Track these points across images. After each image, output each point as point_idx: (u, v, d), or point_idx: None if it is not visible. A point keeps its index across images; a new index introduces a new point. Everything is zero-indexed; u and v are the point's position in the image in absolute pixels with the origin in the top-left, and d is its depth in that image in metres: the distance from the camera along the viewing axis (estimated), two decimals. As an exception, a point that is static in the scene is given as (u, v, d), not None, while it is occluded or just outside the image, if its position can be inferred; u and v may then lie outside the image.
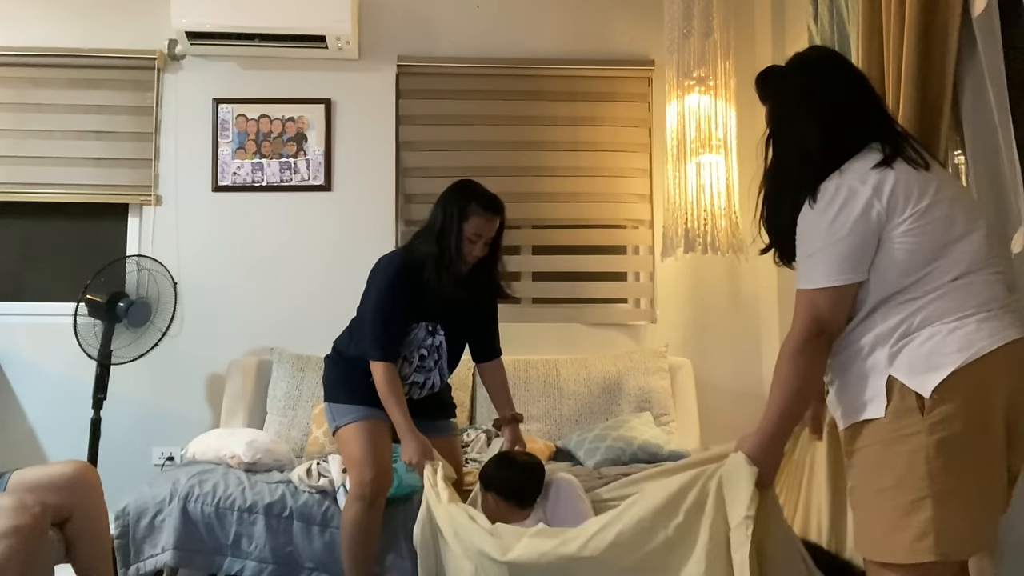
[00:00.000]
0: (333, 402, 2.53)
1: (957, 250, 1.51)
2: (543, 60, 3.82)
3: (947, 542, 1.40)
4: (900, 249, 1.51)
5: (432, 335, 2.50)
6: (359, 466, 2.41)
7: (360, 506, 2.40)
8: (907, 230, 1.50)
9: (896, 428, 1.46)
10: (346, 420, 2.46)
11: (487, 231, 2.43)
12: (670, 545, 1.64)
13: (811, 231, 1.57)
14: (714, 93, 3.39)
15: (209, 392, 3.62)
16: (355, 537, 2.41)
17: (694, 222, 3.40)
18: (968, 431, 1.41)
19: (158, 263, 3.49)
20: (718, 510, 1.59)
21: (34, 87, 3.66)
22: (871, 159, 1.57)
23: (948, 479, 1.40)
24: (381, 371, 2.39)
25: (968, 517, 1.41)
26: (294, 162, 3.74)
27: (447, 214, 2.42)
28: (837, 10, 2.66)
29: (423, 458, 2.29)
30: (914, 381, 1.45)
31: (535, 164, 3.79)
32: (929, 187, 1.54)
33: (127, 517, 2.72)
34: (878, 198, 1.52)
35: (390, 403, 2.36)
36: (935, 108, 2.18)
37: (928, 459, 1.41)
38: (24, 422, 3.56)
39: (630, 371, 3.49)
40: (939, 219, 1.51)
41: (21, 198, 3.64)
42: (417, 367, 2.50)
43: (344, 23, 3.52)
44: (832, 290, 1.53)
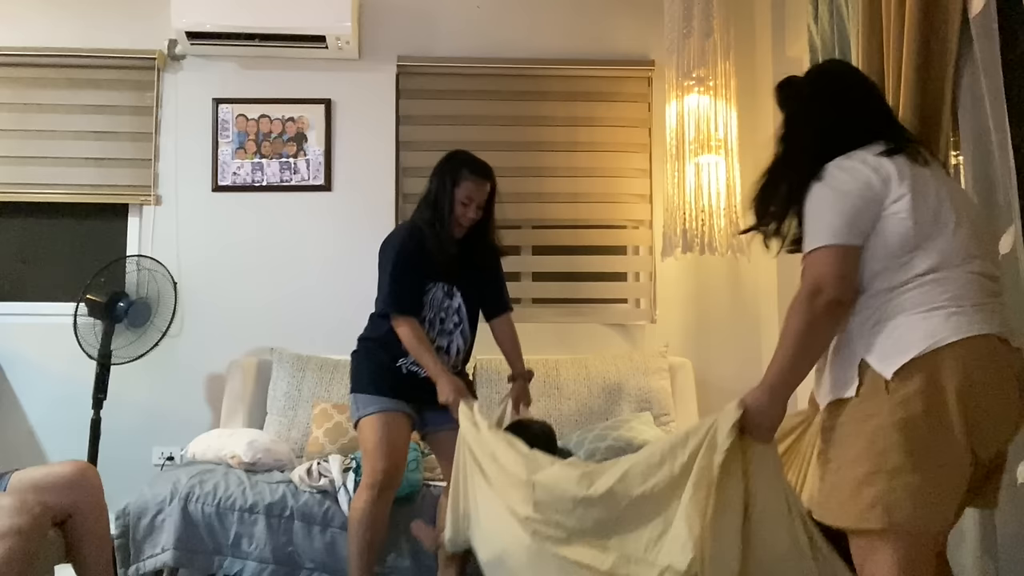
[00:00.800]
0: (358, 392, 2.58)
1: (939, 243, 1.59)
2: (543, 60, 3.82)
3: (896, 512, 1.50)
4: (890, 229, 1.60)
5: (450, 297, 2.61)
6: (373, 455, 2.46)
7: (369, 495, 2.44)
8: (897, 211, 1.60)
9: (864, 408, 1.57)
10: (369, 410, 2.51)
11: (478, 195, 2.56)
12: (672, 479, 1.75)
13: (817, 200, 1.67)
14: (714, 93, 3.40)
15: (209, 392, 3.62)
16: (359, 526, 2.44)
17: (693, 222, 3.40)
18: (926, 414, 1.51)
19: (158, 263, 3.49)
20: (708, 449, 1.69)
21: (34, 87, 3.66)
22: (875, 149, 1.68)
23: (902, 455, 1.50)
24: (405, 325, 2.49)
25: (920, 492, 1.50)
26: (294, 162, 3.74)
27: (440, 181, 2.57)
28: (837, 10, 2.66)
29: (458, 396, 2.36)
30: (880, 365, 1.56)
31: (535, 164, 3.80)
32: (923, 179, 1.64)
33: (127, 517, 2.72)
34: (876, 174, 1.63)
35: (420, 352, 2.46)
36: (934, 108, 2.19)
37: (886, 436, 1.52)
38: (24, 422, 3.56)
39: (630, 371, 3.49)
40: (927, 209, 1.61)
41: (21, 198, 3.64)
42: (440, 331, 2.60)
43: (344, 23, 3.52)
44: (833, 249, 1.60)
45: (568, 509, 1.90)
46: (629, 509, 1.81)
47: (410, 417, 2.56)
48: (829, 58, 1.94)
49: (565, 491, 1.91)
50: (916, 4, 2.16)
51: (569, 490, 1.90)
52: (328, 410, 3.22)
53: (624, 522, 1.82)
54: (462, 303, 2.64)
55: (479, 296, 2.70)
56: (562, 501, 1.92)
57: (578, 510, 1.88)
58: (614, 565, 1.80)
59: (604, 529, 1.84)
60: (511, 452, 2.10)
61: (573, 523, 1.89)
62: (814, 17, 2.83)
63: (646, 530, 1.78)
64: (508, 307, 2.78)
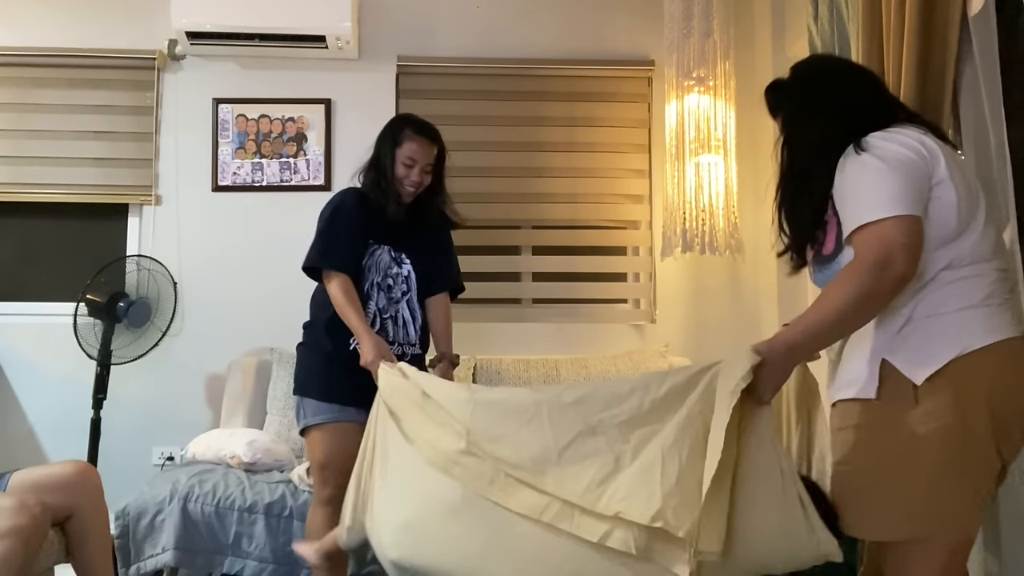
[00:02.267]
0: (304, 396, 2.39)
1: (972, 235, 1.50)
2: (543, 60, 3.82)
3: (931, 524, 1.46)
4: (934, 214, 1.47)
5: (398, 264, 2.47)
6: (323, 472, 2.33)
7: (326, 511, 2.31)
8: (940, 195, 1.48)
9: (888, 413, 1.48)
10: (316, 420, 2.34)
11: (422, 157, 2.44)
12: (639, 415, 1.55)
13: (863, 172, 1.49)
14: (714, 93, 3.40)
15: (209, 392, 3.62)
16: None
17: (693, 222, 3.40)
18: (959, 423, 1.44)
19: (158, 263, 3.49)
20: (705, 400, 1.50)
21: (34, 87, 3.66)
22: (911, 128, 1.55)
23: (936, 467, 1.45)
24: (335, 282, 2.32)
25: (954, 502, 1.46)
26: (294, 162, 3.74)
27: (384, 142, 2.49)
28: (837, 10, 2.66)
29: (378, 358, 2.16)
30: (908, 368, 1.47)
31: (535, 165, 3.80)
32: (959, 165, 1.55)
33: (127, 517, 2.72)
34: (923, 147, 1.50)
35: (346, 311, 2.28)
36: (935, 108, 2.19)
37: (917, 446, 1.45)
38: (24, 422, 3.56)
39: (630, 371, 3.48)
40: (968, 198, 1.51)
41: (21, 198, 3.64)
42: (388, 298, 2.43)
43: (344, 23, 3.52)
44: (902, 220, 1.42)
45: (509, 433, 1.66)
46: (577, 440, 1.58)
47: (361, 425, 2.18)
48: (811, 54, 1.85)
49: (510, 408, 1.69)
50: (916, 4, 2.16)
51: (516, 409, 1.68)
52: (328, 410, 3.21)
53: (567, 455, 1.58)
54: (412, 272, 2.48)
55: (429, 270, 2.52)
56: (500, 420, 1.69)
57: (522, 433, 1.64)
58: (555, 517, 1.56)
59: (542, 463, 1.60)
60: (449, 384, 1.93)
61: (509, 452, 1.64)
62: (814, 17, 2.83)
63: (589, 469, 1.55)
64: (454, 286, 2.59)
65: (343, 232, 2.40)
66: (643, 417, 1.54)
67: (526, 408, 1.66)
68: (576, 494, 1.53)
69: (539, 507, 1.57)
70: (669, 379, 1.54)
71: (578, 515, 1.54)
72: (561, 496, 1.55)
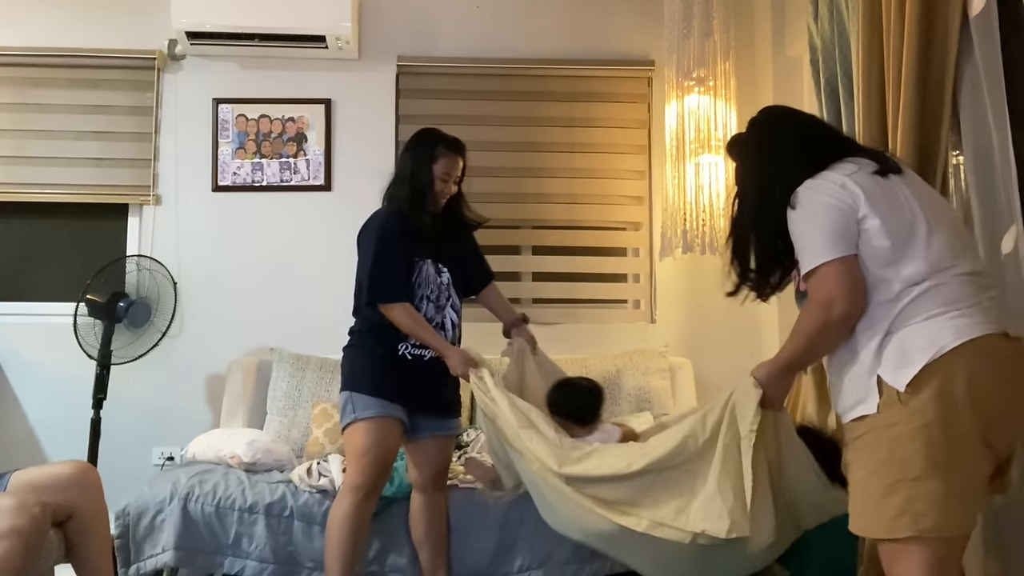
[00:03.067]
0: (356, 392, 2.47)
1: (919, 252, 1.63)
2: (543, 60, 3.82)
3: (922, 520, 1.53)
4: (868, 245, 1.65)
5: (439, 273, 2.57)
6: (362, 460, 2.40)
7: (353, 500, 2.39)
8: (869, 228, 1.65)
9: (882, 419, 1.60)
10: (367, 413, 2.43)
11: (454, 170, 2.57)
12: (699, 453, 1.94)
13: (799, 223, 1.73)
14: (714, 93, 3.40)
15: (209, 392, 3.62)
16: (343, 530, 2.39)
17: (693, 222, 3.40)
18: (940, 420, 1.54)
19: (158, 263, 3.49)
20: (731, 426, 1.88)
21: (34, 87, 3.66)
22: (840, 170, 1.73)
23: (921, 463, 1.54)
24: (400, 311, 2.45)
25: (943, 498, 1.53)
26: (294, 162, 3.74)
27: (417, 158, 2.56)
28: (837, 10, 2.66)
29: (467, 368, 2.38)
30: (891, 377, 1.60)
31: (535, 165, 3.80)
32: (890, 193, 1.69)
33: (127, 517, 2.72)
34: (844, 189, 1.68)
35: (420, 332, 2.44)
36: (935, 108, 2.19)
37: (904, 445, 1.56)
38: (24, 422, 3.56)
39: (630, 371, 3.49)
40: (901, 223, 1.65)
41: (21, 198, 3.64)
42: (437, 307, 2.56)
43: (344, 23, 3.52)
44: (833, 264, 1.65)
45: (598, 485, 2.07)
46: (658, 482, 1.99)
47: (403, 423, 2.48)
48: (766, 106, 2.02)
49: (595, 478, 2.07)
50: (916, 4, 2.16)
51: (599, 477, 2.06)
52: (328, 410, 3.22)
53: (653, 493, 2.00)
54: (450, 279, 2.60)
55: (463, 271, 2.66)
56: (594, 484, 2.08)
57: (612, 484, 2.05)
58: (648, 527, 1.98)
59: (635, 499, 2.02)
60: (539, 442, 2.17)
61: (605, 494, 2.06)
62: (814, 17, 2.83)
63: (674, 501, 1.96)
64: (492, 275, 2.78)
65: (394, 262, 2.49)
66: (699, 453, 1.94)
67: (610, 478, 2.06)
68: (669, 518, 1.96)
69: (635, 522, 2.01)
70: (709, 420, 1.94)
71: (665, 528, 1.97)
72: (656, 519, 1.98)
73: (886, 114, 2.33)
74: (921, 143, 2.20)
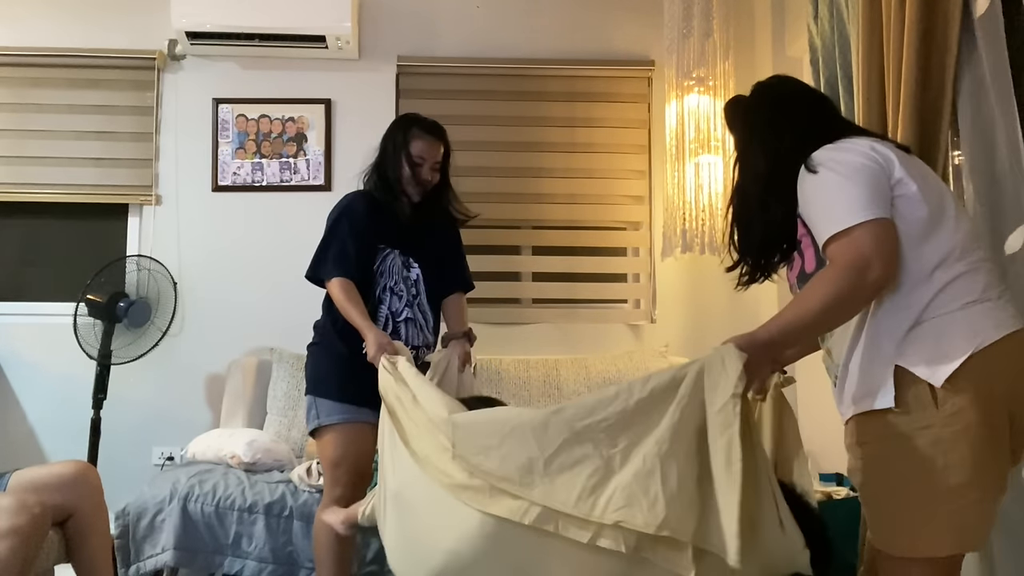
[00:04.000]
0: (320, 396, 2.36)
1: (949, 228, 1.49)
2: (543, 60, 3.82)
3: (967, 533, 1.42)
4: (903, 213, 1.48)
5: (407, 267, 2.44)
6: (335, 469, 2.33)
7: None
8: (904, 192, 1.49)
9: (910, 421, 1.44)
10: (332, 420, 2.32)
11: (430, 155, 2.44)
12: (624, 417, 1.48)
13: (822, 185, 1.51)
14: (713, 93, 3.40)
15: (209, 392, 3.62)
16: (331, 541, 2.32)
17: (693, 222, 3.40)
18: (983, 421, 1.40)
19: (158, 263, 3.49)
20: (694, 395, 1.43)
21: (34, 87, 3.66)
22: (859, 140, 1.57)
23: (968, 471, 1.40)
24: (337, 285, 2.32)
25: (985, 507, 1.43)
26: (294, 162, 3.74)
27: (390, 142, 2.47)
28: (837, 10, 2.66)
29: (379, 352, 2.13)
30: (925, 371, 1.43)
31: (535, 165, 3.80)
32: (918, 165, 1.56)
33: (127, 517, 2.72)
34: (875, 151, 1.52)
35: (347, 309, 2.28)
36: (935, 108, 2.19)
37: (945, 451, 1.40)
38: (24, 422, 3.56)
39: (630, 371, 3.49)
40: (934, 193, 1.52)
41: (21, 198, 3.64)
42: (406, 301, 2.42)
43: (344, 23, 3.52)
44: (871, 225, 1.43)
45: (492, 445, 1.61)
46: (563, 448, 1.52)
47: (374, 426, 2.18)
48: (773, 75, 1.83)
49: (491, 423, 1.66)
50: (916, 4, 2.16)
51: (496, 423, 1.65)
52: (328, 410, 3.21)
53: (554, 465, 1.52)
54: (420, 275, 2.45)
55: (438, 271, 2.50)
56: (484, 436, 1.63)
57: (504, 446, 1.59)
58: (537, 518, 1.51)
59: (529, 473, 1.54)
60: (432, 391, 1.87)
61: (495, 465, 1.59)
62: (814, 17, 2.83)
63: (579, 476, 1.49)
64: (465, 286, 2.59)
65: (347, 239, 2.37)
66: (629, 418, 1.48)
67: (507, 419, 1.64)
68: (569, 504, 1.48)
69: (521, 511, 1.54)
70: (652, 380, 1.48)
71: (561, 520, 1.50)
72: (552, 507, 1.50)
73: (886, 114, 2.33)
74: (921, 143, 2.20)
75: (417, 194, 2.46)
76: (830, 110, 1.77)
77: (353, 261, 2.36)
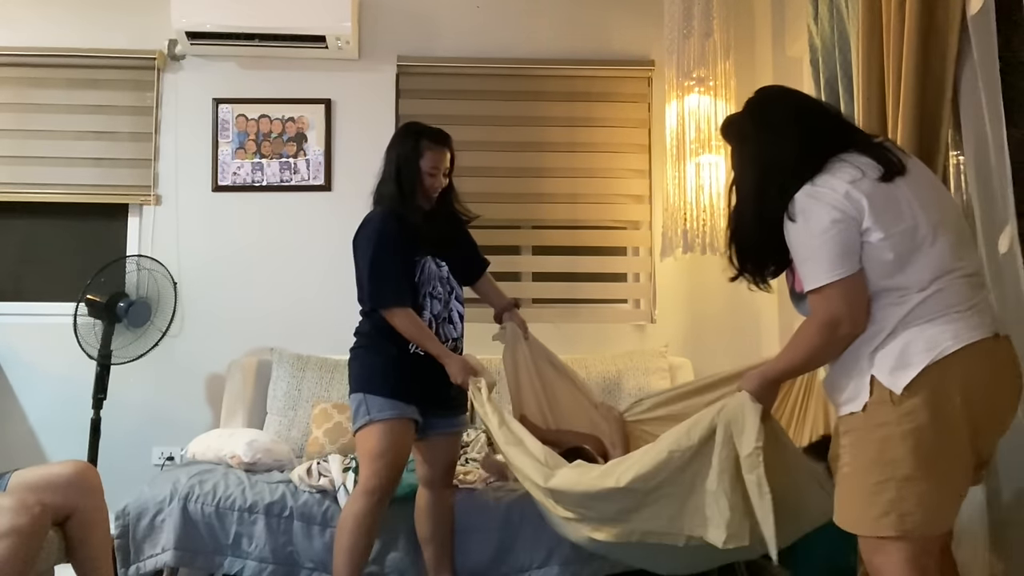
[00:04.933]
0: (370, 393, 2.43)
1: (923, 258, 1.62)
2: (543, 60, 3.82)
3: (907, 520, 1.56)
4: (871, 256, 1.63)
5: (439, 267, 2.56)
6: (377, 461, 2.38)
7: (368, 501, 2.38)
8: (873, 240, 1.62)
9: (871, 417, 1.62)
10: (383, 415, 2.39)
11: (442, 164, 2.55)
12: (683, 465, 1.90)
13: (800, 241, 1.69)
14: (714, 93, 3.39)
15: (209, 392, 3.62)
16: (355, 531, 2.38)
17: (693, 222, 3.40)
18: (933, 423, 1.55)
19: (158, 263, 3.49)
20: (726, 445, 1.82)
21: (34, 87, 3.66)
22: (840, 175, 1.66)
23: (911, 464, 1.55)
24: (401, 316, 2.43)
25: (930, 499, 1.56)
26: (294, 162, 3.74)
27: (401, 155, 2.52)
28: (837, 10, 2.66)
29: (467, 376, 2.39)
30: (888, 379, 1.59)
31: (535, 165, 3.80)
32: (894, 200, 1.64)
33: (127, 517, 2.72)
34: (848, 199, 1.63)
35: (422, 338, 2.42)
36: (935, 108, 2.19)
37: (895, 446, 1.57)
38: (24, 422, 3.56)
39: (630, 371, 3.49)
40: (904, 232, 1.62)
41: (21, 198, 3.64)
42: (444, 302, 2.55)
43: (344, 23, 3.52)
44: (838, 284, 1.63)
45: (585, 505, 2.08)
46: (644, 499, 1.98)
47: (417, 423, 2.46)
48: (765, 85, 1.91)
49: (583, 495, 2.06)
50: (916, 4, 2.16)
51: (587, 494, 2.05)
52: (328, 410, 3.22)
53: (640, 509, 1.99)
54: (449, 271, 2.59)
55: (459, 262, 2.65)
56: (578, 501, 2.09)
57: (595, 507, 2.06)
58: (641, 537, 2.01)
59: (623, 513, 2.02)
60: (525, 458, 2.19)
61: (593, 514, 2.08)
62: (814, 17, 2.83)
63: (665, 511, 1.96)
64: (486, 264, 2.77)
65: (392, 265, 2.45)
66: (687, 464, 1.90)
67: (591, 489, 2.04)
68: (662, 526, 1.98)
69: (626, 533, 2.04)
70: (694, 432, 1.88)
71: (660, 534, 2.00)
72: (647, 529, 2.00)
73: (886, 114, 2.33)
74: (921, 143, 2.20)
75: (432, 202, 2.57)
76: (819, 122, 1.77)
77: (407, 288, 2.47)
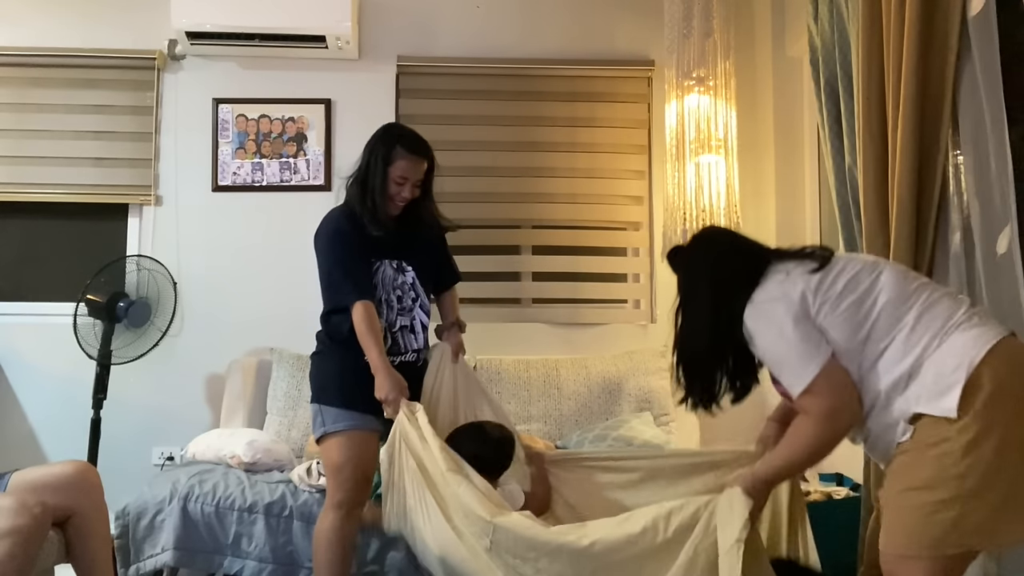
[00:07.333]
0: (326, 404, 2.36)
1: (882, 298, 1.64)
2: (543, 60, 3.82)
3: (974, 535, 1.52)
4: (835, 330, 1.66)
5: (401, 272, 2.44)
6: (339, 476, 2.33)
7: (338, 515, 2.33)
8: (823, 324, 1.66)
9: (925, 437, 1.56)
10: (338, 427, 2.33)
11: (414, 174, 2.39)
12: (649, 552, 1.77)
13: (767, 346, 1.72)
14: (714, 93, 3.39)
15: (209, 392, 3.62)
16: (331, 545, 2.33)
17: (693, 222, 3.40)
18: (986, 431, 1.50)
19: (158, 263, 3.49)
20: (707, 535, 1.72)
21: (34, 87, 3.66)
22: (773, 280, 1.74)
23: (976, 478, 1.50)
24: (358, 310, 2.29)
25: (995, 512, 1.51)
26: (294, 162, 3.74)
27: (372, 157, 2.40)
28: (837, 10, 2.66)
29: (399, 395, 2.22)
30: (936, 408, 1.55)
31: (535, 165, 3.80)
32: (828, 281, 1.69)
33: (127, 517, 2.72)
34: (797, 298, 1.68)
35: (367, 340, 2.27)
36: (935, 108, 2.19)
37: (956, 462, 1.51)
38: (24, 422, 3.56)
39: (630, 371, 3.49)
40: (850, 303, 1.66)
41: (21, 198, 3.64)
42: (399, 310, 2.43)
43: (344, 23, 3.52)
44: (820, 377, 1.63)
45: (528, 557, 1.88)
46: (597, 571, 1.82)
47: (379, 433, 2.36)
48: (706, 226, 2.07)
49: (533, 540, 1.89)
50: (916, 4, 2.16)
51: (537, 541, 1.89)
52: (328, 410, 3.21)
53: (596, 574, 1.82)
54: (415, 278, 2.46)
55: (428, 270, 2.52)
56: (523, 547, 1.89)
57: (542, 560, 1.87)
58: None
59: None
60: (469, 488, 2.02)
61: (531, 571, 1.88)
62: (814, 17, 2.83)
63: None
64: (456, 278, 2.65)
65: (349, 261, 2.36)
66: (656, 554, 1.76)
67: (548, 541, 1.88)
68: None
69: None
70: (674, 518, 1.77)
71: None
72: None
73: (886, 114, 2.33)
74: (921, 143, 2.20)
75: (398, 209, 2.43)
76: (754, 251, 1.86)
77: (366, 283, 2.36)
